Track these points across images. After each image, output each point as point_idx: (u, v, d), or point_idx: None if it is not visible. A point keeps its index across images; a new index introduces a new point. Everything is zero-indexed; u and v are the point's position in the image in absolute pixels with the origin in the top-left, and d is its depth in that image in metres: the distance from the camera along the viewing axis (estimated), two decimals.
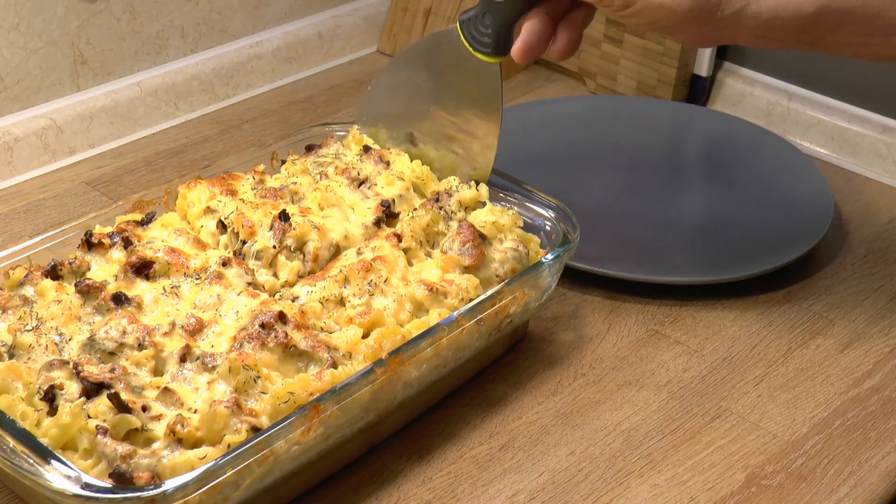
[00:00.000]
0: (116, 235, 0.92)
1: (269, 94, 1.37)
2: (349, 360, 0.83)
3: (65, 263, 0.90)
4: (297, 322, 0.84)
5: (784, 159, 1.23)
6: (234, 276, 0.88)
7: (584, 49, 1.39)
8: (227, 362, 0.79)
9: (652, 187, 1.20)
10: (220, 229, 0.95)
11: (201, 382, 0.80)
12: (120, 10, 1.23)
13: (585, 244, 1.07)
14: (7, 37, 1.15)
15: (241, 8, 1.35)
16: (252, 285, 0.88)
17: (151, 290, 0.88)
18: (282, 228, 0.92)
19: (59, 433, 0.76)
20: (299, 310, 0.85)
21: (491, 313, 0.89)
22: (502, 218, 0.97)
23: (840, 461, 0.90)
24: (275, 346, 0.81)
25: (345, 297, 0.88)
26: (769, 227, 1.13)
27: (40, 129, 1.19)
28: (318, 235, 0.92)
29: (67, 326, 0.84)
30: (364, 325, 0.85)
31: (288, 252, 0.92)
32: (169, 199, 0.99)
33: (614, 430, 0.92)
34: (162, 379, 0.81)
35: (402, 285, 0.89)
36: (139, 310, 0.86)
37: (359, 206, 0.98)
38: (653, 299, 1.05)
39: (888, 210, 1.21)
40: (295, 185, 0.99)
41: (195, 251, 0.91)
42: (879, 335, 1.03)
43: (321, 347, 0.82)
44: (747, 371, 0.98)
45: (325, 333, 0.85)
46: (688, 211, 1.17)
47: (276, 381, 0.80)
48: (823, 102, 1.30)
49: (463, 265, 0.91)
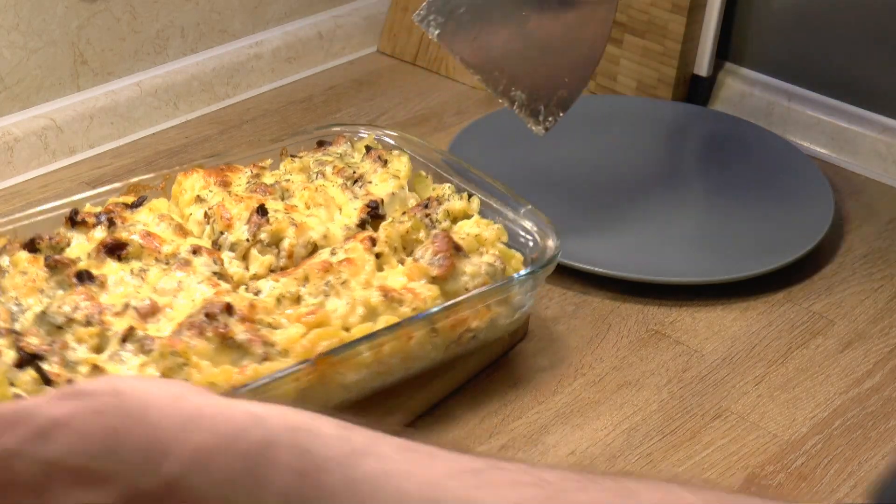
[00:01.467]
0: (103, 216, 0.94)
1: (269, 94, 1.37)
2: (285, 357, 0.83)
3: (44, 238, 0.92)
4: (244, 315, 0.83)
5: (784, 159, 1.23)
6: (202, 265, 0.89)
7: None
8: (160, 347, 0.80)
9: (652, 187, 1.20)
10: (207, 219, 0.96)
11: (134, 364, 0.80)
12: (120, 10, 1.23)
13: (586, 244, 1.08)
14: (7, 37, 1.15)
15: (241, 8, 1.35)
16: (219, 275, 0.89)
17: (119, 270, 0.88)
18: (257, 223, 0.92)
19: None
20: (249, 303, 0.85)
21: (446, 325, 0.87)
22: (486, 231, 0.94)
23: (840, 461, 0.90)
24: (212, 336, 0.81)
25: (301, 295, 0.87)
26: (769, 227, 1.13)
27: (40, 129, 1.19)
28: (295, 233, 0.92)
29: (27, 298, 0.85)
30: (309, 324, 0.85)
31: (262, 247, 0.92)
32: (167, 186, 1.00)
33: (614, 430, 0.92)
34: (98, 357, 0.81)
35: (360, 289, 0.87)
36: (101, 289, 0.87)
37: (347, 206, 0.97)
38: (653, 299, 1.05)
39: (888, 210, 1.21)
40: (287, 181, 0.99)
41: (173, 237, 0.92)
42: (879, 335, 1.03)
43: (258, 342, 0.82)
44: (747, 371, 0.98)
45: (269, 329, 0.84)
46: (688, 211, 1.17)
47: (205, 370, 0.80)
48: (823, 102, 1.30)
49: (430, 275, 0.89)
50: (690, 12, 1.30)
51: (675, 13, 1.31)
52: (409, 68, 1.44)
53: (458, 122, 1.32)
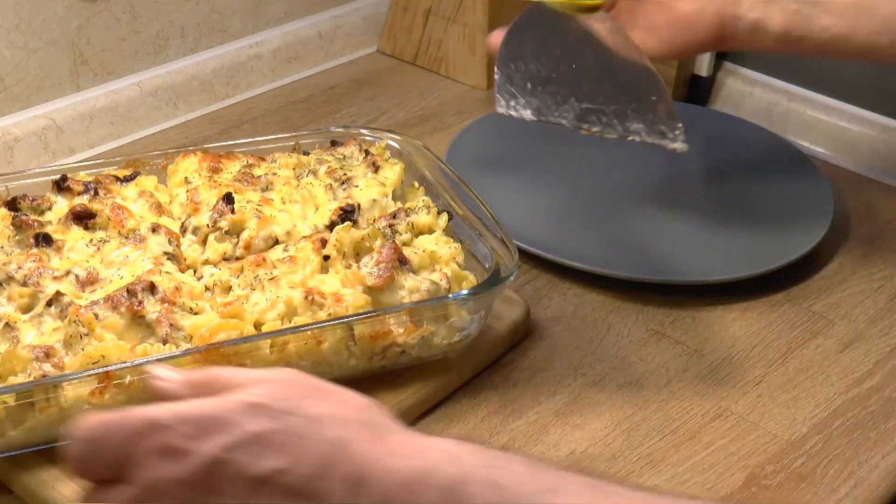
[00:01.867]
0: (91, 185, 0.96)
1: (269, 94, 1.37)
2: (187, 342, 0.83)
3: (27, 199, 0.94)
4: (165, 297, 0.84)
5: (784, 159, 1.23)
6: (155, 244, 0.90)
7: None
8: (69, 314, 0.82)
9: (652, 187, 1.20)
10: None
11: (48, 328, 0.82)
12: (120, 10, 1.23)
13: (586, 244, 1.08)
14: (7, 37, 1.15)
15: (241, 8, 1.35)
16: (169, 256, 0.90)
17: (80, 238, 0.91)
18: (220, 210, 0.93)
19: None
20: (175, 286, 0.86)
21: (364, 335, 0.86)
22: (441, 249, 0.93)
23: (840, 461, 0.90)
24: (125, 311, 0.83)
25: (232, 285, 0.88)
26: (769, 227, 1.13)
27: (40, 129, 1.19)
28: (257, 225, 0.92)
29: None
30: (224, 314, 0.85)
31: (220, 234, 0.93)
32: (167, 166, 1.03)
33: (614, 430, 0.92)
34: (16, 315, 0.83)
35: (287, 288, 0.87)
36: (56, 253, 0.89)
37: (324, 207, 0.97)
38: (653, 299, 1.05)
39: (888, 210, 1.21)
40: (273, 176, 0.99)
41: (146, 214, 0.94)
42: (879, 335, 1.03)
43: (165, 323, 0.83)
44: (747, 371, 0.98)
45: (184, 314, 0.85)
46: (688, 211, 1.17)
47: (104, 342, 0.82)
48: (823, 102, 1.30)
49: (366, 283, 0.88)
50: None
51: None
52: (409, 68, 1.44)
53: (458, 122, 1.32)
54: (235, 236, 0.93)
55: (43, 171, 1.01)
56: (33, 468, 0.81)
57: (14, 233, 0.91)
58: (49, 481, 0.80)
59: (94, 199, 0.95)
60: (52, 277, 0.86)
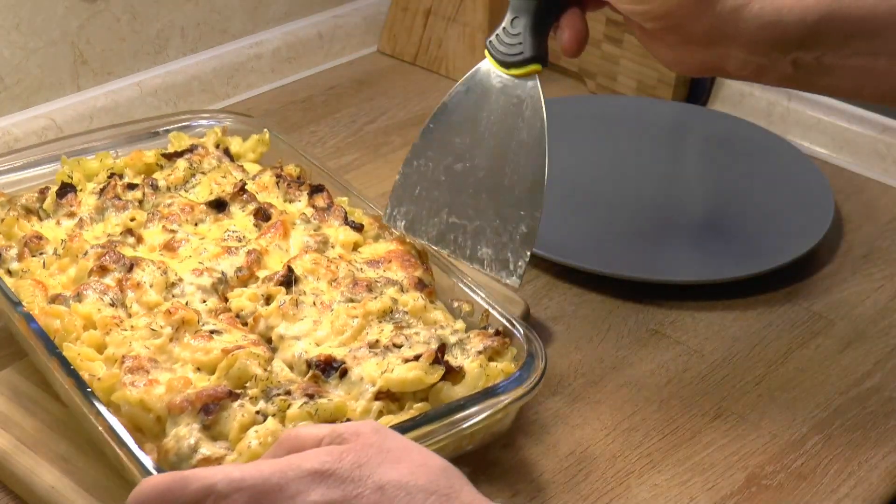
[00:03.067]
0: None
1: (269, 94, 1.37)
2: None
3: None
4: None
5: (784, 159, 1.23)
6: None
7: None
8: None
9: (652, 187, 1.20)
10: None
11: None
12: (120, 10, 1.23)
13: (585, 244, 1.07)
14: (7, 37, 1.15)
15: (241, 8, 1.35)
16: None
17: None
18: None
19: None
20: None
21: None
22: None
23: (840, 461, 0.90)
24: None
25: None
26: (769, 227, 1.13)
27: (40, 129, 1.19)
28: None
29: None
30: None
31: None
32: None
33: (614, 430, 0.92)
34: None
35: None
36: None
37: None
38: (653, 299, 1.05)
39: (888, 210, 1.21)
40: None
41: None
42: (879, 335, 1.03)
43: (115, 290, 0.86)
44: (747, 371, 0.98)
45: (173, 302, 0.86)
46: (688, 211, 1.17)
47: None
48: (823, 102, 1.30)
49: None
50: None
51: None
52: (409, 68, 1.44)
53: None
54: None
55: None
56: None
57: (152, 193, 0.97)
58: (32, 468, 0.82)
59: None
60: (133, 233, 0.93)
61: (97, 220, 0.95)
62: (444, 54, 1.41)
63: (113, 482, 0.80)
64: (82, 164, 1.01)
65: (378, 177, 1.21)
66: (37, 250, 0.91)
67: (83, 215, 0.95)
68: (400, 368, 0.81)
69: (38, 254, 0.91)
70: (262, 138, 1.07)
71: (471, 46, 1.39)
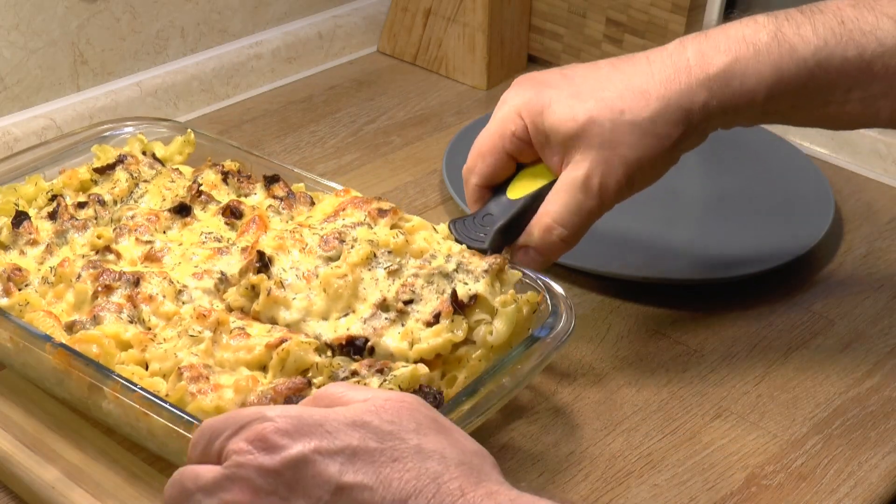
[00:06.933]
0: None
1: (269, 94, 1.37)
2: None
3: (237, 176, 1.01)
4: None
5: (784, 159, 1.23)
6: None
7: (583, 49, 1.39)
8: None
9: (652, 187, 1.20)
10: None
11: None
12: (120, 10, 1.23)
13: (585, 244, 1.07)
14: (7, 37, 1.15)
15: (241, 8, 1.35)
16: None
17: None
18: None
19: None
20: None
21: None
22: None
23: (840, 461, 0.90)
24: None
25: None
26: (769, 227, 1.13)
27: (40, 129, 1.19)
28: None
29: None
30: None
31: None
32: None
33: (614, 430, 0.92)
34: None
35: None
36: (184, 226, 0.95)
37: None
38: (653, 299, 1.05)
39: (888, 210, 1.21)
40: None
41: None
42: (879, 335, 1.03)
43: (128, 306, 0.85)
44: (747, 371, 0.98)
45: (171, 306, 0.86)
46: (688, 211, 1.17)
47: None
48: None
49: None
50: (690, 12, 1.30)
51: (675, 13, 1.31)
52: (409, 68, 1.44)
53: (457, 122, 1.32)
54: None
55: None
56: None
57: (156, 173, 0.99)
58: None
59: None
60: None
61: (60, 243, 0.92)
62: (443, 54, 1.41)
63: (113, 482, 0.81)
64: (19, 190, 0.99)
65: (378, 176, 1.21)
66: (21, 282, 0.89)
67: (48, 241, 0.92)
68: (426, 335, 0.82)
69: (24, 286, 0.89)
70: (187, 139, 1.06)
71: (471, 46, 1.39)
